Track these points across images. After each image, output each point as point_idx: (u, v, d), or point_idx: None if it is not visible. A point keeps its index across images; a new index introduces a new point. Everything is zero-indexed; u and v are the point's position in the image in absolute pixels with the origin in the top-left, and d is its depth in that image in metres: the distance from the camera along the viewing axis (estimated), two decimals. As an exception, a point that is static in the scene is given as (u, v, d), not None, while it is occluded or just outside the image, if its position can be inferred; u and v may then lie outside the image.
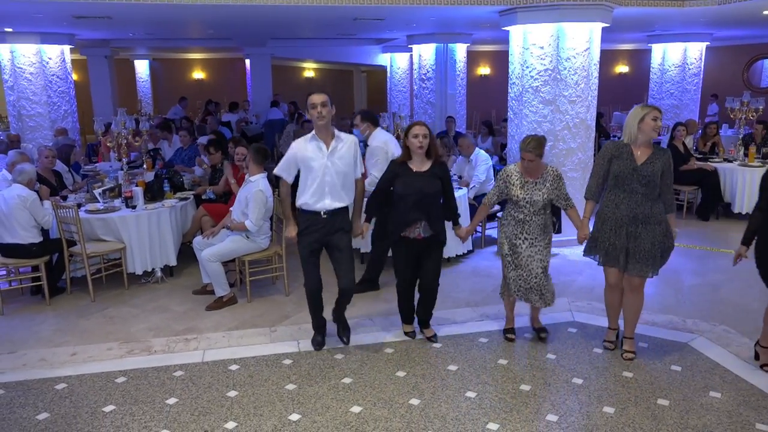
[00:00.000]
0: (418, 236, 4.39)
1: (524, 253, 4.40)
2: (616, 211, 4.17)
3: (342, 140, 4.36)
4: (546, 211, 4.43)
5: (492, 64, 17.43)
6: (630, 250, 4.16)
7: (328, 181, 4.28)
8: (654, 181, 4.08)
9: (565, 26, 6.64)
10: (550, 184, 4.37)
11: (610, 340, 4.57)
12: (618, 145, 4.21)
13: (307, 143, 4.33)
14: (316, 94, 4.30)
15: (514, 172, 4.44)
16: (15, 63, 9.30)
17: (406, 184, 4.35)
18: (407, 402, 3.85)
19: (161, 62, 17.88)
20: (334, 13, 7.62)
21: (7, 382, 4.17)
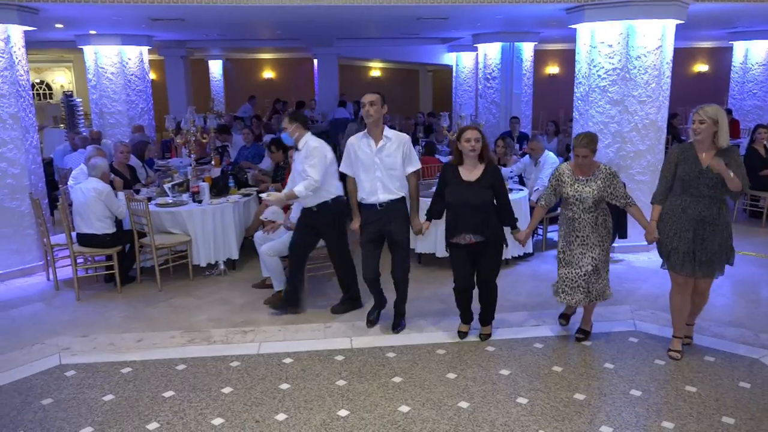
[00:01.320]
0: (470, 242, 4.40)
1: (576, 251, 4.40)
2: (682, 215, 4.11)
3: (390, 139, 4.59)
4: (598, 209, 4.33)
5: (561, 62, 17.00)
6: (697, 253, 4.11)
7: (378, 176, 4.57)
8: (720, 183, 3.99)
9: (636, 24, 6.39)
10: (601, 181, 4.30)
11: (676, 350, 4.40)
12: (683, 148, 4.15)
13: (359, 140, 4.66)
14: (368, 94, 4.59)
15: (566, 171, 4.41)
16: (98, 63, 9.86)
17: (453, 194, 4.39)
18: (456, 404, 3.82)
19: (233, 62, 18.47)
20: (398, 12, 7.64)
21: (78, 363, 4.43)
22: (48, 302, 5.70)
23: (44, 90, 17.36)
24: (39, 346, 4.72)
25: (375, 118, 4.53)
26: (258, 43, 15.55)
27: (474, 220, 4.33)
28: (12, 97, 6.14)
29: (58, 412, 3.79)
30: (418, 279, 6.16)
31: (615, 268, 6.41)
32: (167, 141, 10.74)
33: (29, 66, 6.67)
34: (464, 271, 4.50)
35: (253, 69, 18.80)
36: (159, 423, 3.66)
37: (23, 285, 6.16)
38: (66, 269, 6.15)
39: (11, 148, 6.20)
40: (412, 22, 9.21)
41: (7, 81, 6.08)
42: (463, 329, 4.78)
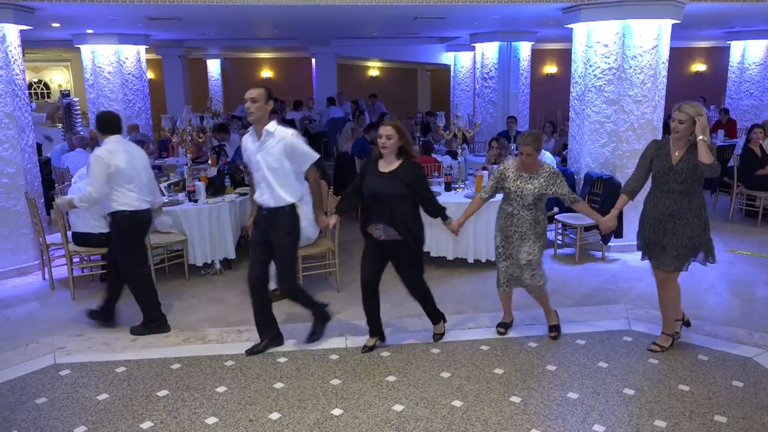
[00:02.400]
0: (379, 237, 4.27)
1: (515, 244, 4.50)
2: (653, 210, 4.23)
3: (273, 135, 4.19)
4: (536, 208, 4.44)
5: (559, 62, 17.01)
6: (667, 247, 4.20)
7: (263, 176, 4.22)
8: (690, 178, 4.09)
9: (632, 23, 6.40)
10: (544, 179, 4.38)
11: (659, 344, 4.51)
12: (659, 144, 4.26)
13: (248, 136, 4.37)
14: (251, 89, 4.24)
15: (511, 167, 4.49)
16: (95, 63, 9.86)
17: (367, 184, 4.29)
18: (450, 403, 3.83)
19: (232, 61, 18.47)
20: (395, 12, 7.65)
21: (73, 362, 4.44)
22: (43, 302, 5.70)
23: (42, 89, 17.35)
24: (34, 346, 4.72)
25: (257, 115, 4.18)
26: (256, 42, 15.56)
27: (382, 212, 4.20)
28: (8, 97, 6.14)
29: (52, 412, 3.80)
30: (414, 278, 6.18)
31: (610, 267, 6.43)
32: (164, 140, 10.74)
33: (26, 65, 6.67)
34: (369, 267, 4.38)
35: (251, 68, 18.79)
36: (153, 422, 3.66)
37: (19, 284, 6.16)
38: (61, 268, 6.15)
39: (7, 147, 6.20)
40: (409, 21, 9.21)
41: (2, 80, 6.08)
42: (368, 343, 4.55)
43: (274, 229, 4.28)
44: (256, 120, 4.22)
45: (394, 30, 11.47)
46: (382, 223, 4.23)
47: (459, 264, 6.36)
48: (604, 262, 6.61)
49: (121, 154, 4.63)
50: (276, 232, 4.28)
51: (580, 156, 7.08)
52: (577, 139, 7.13)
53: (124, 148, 4.72)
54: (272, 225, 4.28)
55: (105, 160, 4.58)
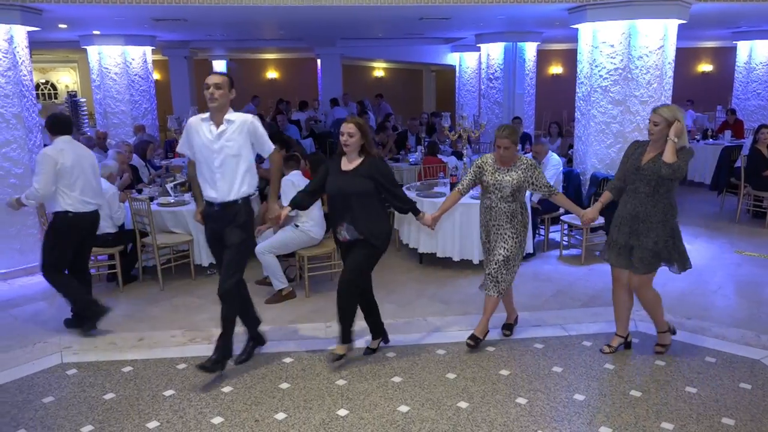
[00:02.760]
0: (343, 239, 4.17)
1: (493, 239, 4.45)
2: (622, 210, 4.23)
3: (233, 122, 4.00)
4: (515, 201, 4.40)
5: (565, 63, 16.97)
6: (634, 249, 4.17)
7: (217, 167, 3.98)
8: (654, 180, 4.03)
9: (638, 23, 6.38)
10: (522, 171, 4.36)
11: (609, 344, 4.51)
12: (637, 146, 4.26)
13: (200, 123, 4.04)
14: (214, 75, 4.00)
15: (489, 160, 4.46)
16: (102, 64, 9.91)
17: (329, 183, 4.17)
18: (455, 404, 3.82)
19: (237, 62, 18.50)
20: (400, 12, 7.65)
21: (79, 362, 4.45)
22: (50, 301, 5.72)
23: (49, 90, 17.43)
24: (41, 345, 4.74)
25: (220, 103, 3.93)
26: (261, 43, 15.60)
27: (345, 210, 4.09)
28: (15, 97, 6.17)
29: (59, 411, 3.81)
30: (419, 279, 6.18)
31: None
32: (171, 141, 10.78)
33: (34, 66, 6.70)
34: (345, 268, 4.27)
35: (257, 69, 18.82)
36: (159, 422, 3.67)
37: (26, 284, 6.19)
38: (68, 268, 6.17)
39: (15, 147, 6.23)
40: (414, 22, 9.21)
41: (10, 81, 6.11)
42: (337, 350, 4.29)
43: (229, 225, 4.04)
44: (219, 108, 3.96)
45: (399, 31, 11.48)
46: (345, 223, 4.12)
47: (465, 265, 6.36)
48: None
49: (68, 153, 4.72)
50: (230, 225, 4.04)
51: (585, 157, 7.06)
52: (582, 140, 7.12)
53: (73, 148, 4.80)
54: (226, 221, 4.05)
55: (53, 158, 4.65)
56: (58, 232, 4.83)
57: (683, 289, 5.81)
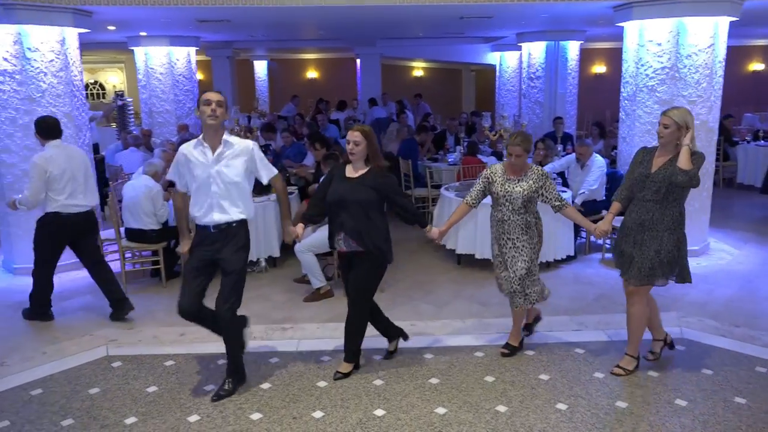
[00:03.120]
0: (341, 250, 4.07)
1: (508, 254, 4.28)
2: (628, 218, 4.06)
3: (232, 145, 3.86)
4: (527, 211, 4.25)
5: (608, 61, 16.61)
6: (635, 258, 3.98)
7: (215, 192, 3.82)
8: (664, 188, 3.86)
9: (687, 21, 6.19)
10: (533, 181, 4.21)
11: (652, 351, 4.36)
12: (646, 152, 4.09)
13: (194, 148, 3.86)
14: (213, 92, 3.85)
15: (498, 170, 4.32)
16: (148, 64, 10.16)
17: (333, 190, 4.05)
18: (494, 408, 3.78)
19: (278, 62, 18.72)
20: (441, 11, 7.61)
21: (124, 355, 4.57)
22: (97, 295, 5.85)
23: (98, 90, 17.97)
24: (88, 338, 4.89)
25: (221, 120, 3.81)
26: (302, 43, 15.75)
27: (347, 220, 3.95)
28: (66, 97, 6.37)
29: (104, 402, 3.92)
30: (457, 280, 6.13)
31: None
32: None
33: (83, 67, 6.91)
34: (348, 281, 4.18)
35: (297, 69, 19.01)
36: (200, 416, 3.74)
37: (76, 277, 6.39)
38: (115, 263, 6.34)
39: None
40: (455, 21, 9.15)
41: (62, 81, 6.31)
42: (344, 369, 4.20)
43: (226, 247, 3.88)
44: (217, 127, 3.81)
45: (439, 30, 11.42)
46: (342, 233, 4.01)
47: (503, 266, 6.28)
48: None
49: (57, 160, 4.87)
50: (228, 249, 3.88)
51: (630, 158, 6.88)
52: (627, 141, 6.94)
53: (62, 152, 4.94)
54: (225, 243, 3.88)
55: (42, 167, 4.82)
56: (45, 231, 5.03)
57: (731, 296, 5.62)
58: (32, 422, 3.70)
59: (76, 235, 5.11)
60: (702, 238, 6.83)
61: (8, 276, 6.48)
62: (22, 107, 6.12)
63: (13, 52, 6.02)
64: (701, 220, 6.75)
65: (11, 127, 6.15)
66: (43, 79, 6.17)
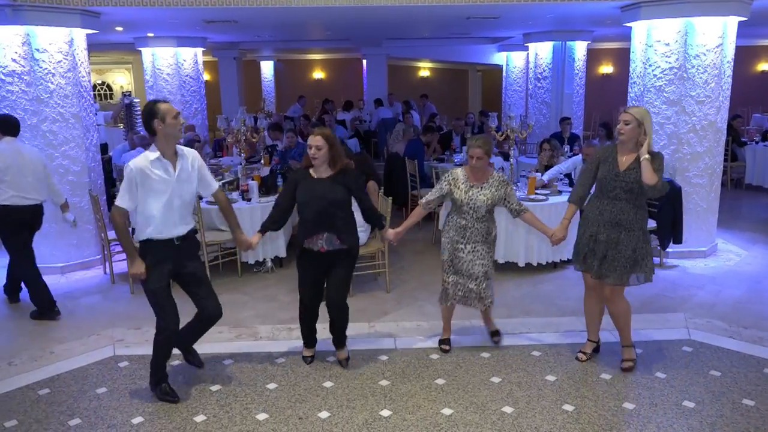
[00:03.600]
0: (321, 249, 4.09)
1: (465, 258, 4.30)
2: (599, 218, 4.03)
3: (185, 157, 3.85)
4: (489, 219, 4.30)
5: (615, 62, 16.56)
6: (608, 256, 4.00)
7: (177, 206, 3.81)
8: (637, 188, 3.90)
9: (695, 21, 6.16)
10: (495, 188, 4.25)
11: (583, 351, 4.42)
12: (606, 150, 4.08)
13: (152, 164, 3.72)
14: (169, 105, 3.74)
15: (461, 175, 4.30)
16: (155, 65, 10.19)
17: (306, 191, 4.07)
18: (500, 409, 3.77)
19: (284, 63, 18.76)
20: (448, 12, 7.60)
21: (131, 355, 4.59)
22: (104, 295, 5.92)
23: (105, 90, 18.05)
24: (95, 337, 4.91)
25: (179, 133, 3.82)
26: (308, 43, 15.78)
27: (324, 218, 4.02)
28: (74, 98, 6.40)
29: (112, 401, 3.94)
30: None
31: (669, 274, 6.20)
32: (219, 140, 11.00)
33: (91, 67, 6.94)
34: (311, 283, 4.21)
35: (303, 69, 19.04)
36: (206, 416, 3.75)
37: (82, 277, 6.42)
38: (121, 263, 6.37)
39: (73, 146, 6.47)
40: (461, 21, 9.14)
41: (70, 82, 6.35)
42: (307, 353, 4.44)
43: (189, 256, 3.95)
44: (174, 140, 3.79)
45: (445, 30, 11.41)
46: (325, 233, 4.06)
47: (509, 268, 6.27)
48: (662, 269, 6.38)
49: (5, 154, 5.10)
50: (191, 257, 3.97)
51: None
52: (634, 141, 6.91)
53: (14, 149, 5.18)
54: (189, 253, 3.96)
55: None
56: (1, 222, 5.21)
57: (739, 297, 5.58)
58: (40, 422, 3.72)
59: (27, 226, 5.32)
60: (710, 239, 6.79)
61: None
62: (31, 108, 6.16)
63: (21, 53, 6.06)
64: (709, 220, 6.71)
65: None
66: (51, 80, 6.21)
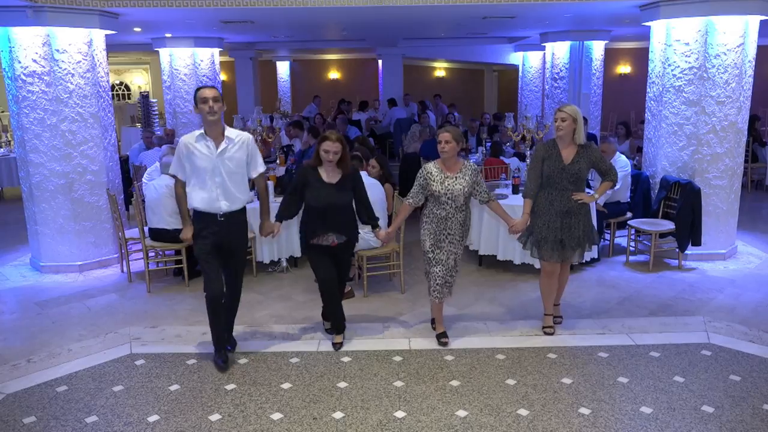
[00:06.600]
0: (333, 243, 4.45)
1: (445, 248, 4.47)
2: (550, 208, 4.49)
3: (232, 139, 4.19)
4: (466, 208, 4.46)
5: (633, 61, 16.39)
6: (565, 241, 4.52)
7: (219, 182, 4.16)
8: (581, 178, 4.47)
9: (715, 20, 6.06)
10: (469, 177, 4.41)
11: (548, 326, 4.82)
12: (548, 146, 4.50)
13: (196, 141, 4.15)
14: (209, 88, 4.11)
15: (434, 169, 4.45)
16: (172, 65, 10.27)
17: (317, 195, 4.37)
18: (515, 411, 3.74)
19: (300, 63, 18.82)
20: (464, 11, 7.56)
21: (147, 353, 4.62)
22: (121, 293, 5.97)
23: (123, 91, 18.24)
24: (112, 335, 4.95)
25: (219, 115, 4.11)
26: (324, 44, 15.81)
27: (337, 220, 4.41)
28: (93, 98, 6.47)
29: (128, 399, 3.97)
30: (479, 282, 6.09)
31: (688, 277, 6.12)
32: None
33: (110, 68, 7.01)
34: (327, 264, 4.51)
35: (319, 69, 19.09)
36: (221, 415, 3.76)
37: (100, 276, 6.49)
38: (138, 262, 6.44)
39: (91, 146, 6.53)
40: (477, 21, 9.09)
41: (89, 82, 6.41)
42: (338, 340, 4.67)
43: (234, 233, 4.29)
44: (217, 121, 4.12)
45: (462, 30, 11.35)
46: (334, 232, 4.42)
47: (525, 269, 6.22)
48: (681, 271, 6.29)
49: None
50: (236, 234, 4.31)
51: (656, 159, 6.78)
52: (653, 142, 6.83)
53: None
54: (231, 229, 4.26)
55: None
56: None
57: (760, 301, 5.49)
58: (57, 418, 3.76)
59: None
60: (730, 241, 6.69)
61: (35, 274, 6.59)
62: (50, 108, 6.23)
63: (42, 54, 6.14)
64: (729, 222, 6.60)
65: (39, 127, 6.26)
66: (71, 80, 6.28)
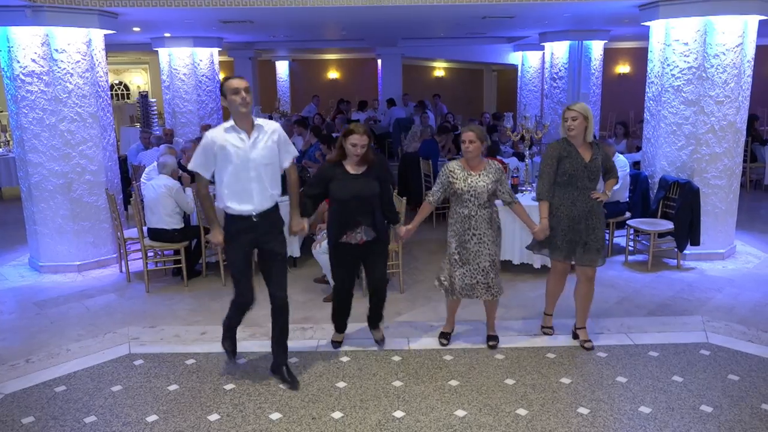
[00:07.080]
0: (360, 241, 4.25)
1: (473, 249, 4.34)
2: (572, 208, 4.33)
3: (262, 127, 3.87)
4: (491, 205, 4.37)
5: (632, 61, 16.40)
6: (589, 243, 4.36)
7: (253, 177, 3.82)
8: (598, 176, 4.38)
9: (714, 20, 6.07)
10: (492, 175, 4.32)
11: (550, 326, 4.79)
12: (563, 145, 4.33)
13: (226, 133, 3.82)
14: (237, 79, 3.81)
15: (456, 167, 4.36)
16: (171, 65, 10.28)
17: (343, 188, 4.19)
18: (514, 411, 3.74)
19: (299, 63, 18.82)
20: (463, 11, 7.56)
21: (146, 353, 4.62)
22: (120, 293, 5.97)
23: (122, 90, 18.23)
24: (111, 335, 4.95)
25: (250, 107, 3.82)
26: (323, 43, 15.82)
27: (363, 213, 4.21)
28: (92, 98, 6.46)
29: (127, 399, 3.96)
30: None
31: (686, 277, 6.12)
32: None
33: (109, 68, 7.01)
34: (347, 272, 4.44)
35: (318, 69, 19.08)
36: (220, 415, 3.76)
37: (99, 276, 6.48)
38: (137, 262, 6.43)
39: (90, 146, 6.53)
40: (477, 21, 9.10)
41: (88, 82, 6.41)
42: (337, 338, 4.69)
43: (271, 233, 3.95)
44: (248, 113, 3.82)
45: (461, 30, 11.36)
46: (363, 226, 4.24)
47: (524, 269, 6.23)
48: (680, 271, 6.30)
49: None
50: (272, 235, 3.96)
51: (654, 159, 6.79)
52: (652, 142, 6.84)
53: None
54: (268, 229, 3.95)
55: None
56: None
57: (758, 300, 5.50)
58: (56, 418, 3.76)
59: None
60: (728, 240, 6.69)
61: (34, 274, 6.59)
62: (49, 108, 6.23)
63: (41, 54, 6.13)
64: (728, 222, 6.61)
65: (38, 127, 6.26)
66: (70, 80, 6.27)
